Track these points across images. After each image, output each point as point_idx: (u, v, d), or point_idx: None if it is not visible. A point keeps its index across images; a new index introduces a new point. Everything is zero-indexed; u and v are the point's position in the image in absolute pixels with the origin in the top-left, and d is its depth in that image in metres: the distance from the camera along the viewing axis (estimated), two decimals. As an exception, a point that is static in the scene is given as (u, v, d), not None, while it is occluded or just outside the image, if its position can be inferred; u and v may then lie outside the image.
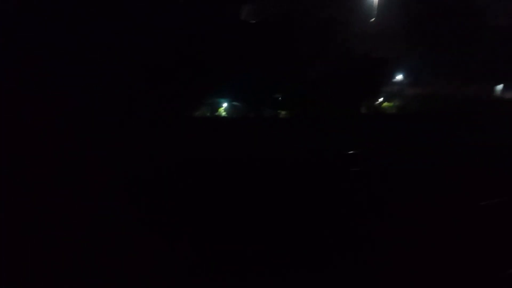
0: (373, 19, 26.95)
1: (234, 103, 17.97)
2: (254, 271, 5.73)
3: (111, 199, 6.90)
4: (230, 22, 18.03)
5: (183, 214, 7.29)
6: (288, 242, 6.65)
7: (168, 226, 6.61)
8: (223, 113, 17.84)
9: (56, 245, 5.77)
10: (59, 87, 9.93)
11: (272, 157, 10.34)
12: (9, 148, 7.13)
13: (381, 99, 22.44)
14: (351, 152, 12.00)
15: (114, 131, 9.72)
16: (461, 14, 25.58)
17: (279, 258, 6.00)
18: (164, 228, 6.53)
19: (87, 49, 11.33)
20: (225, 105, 17.93)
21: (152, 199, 7.35)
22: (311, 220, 7.44)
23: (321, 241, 6.77)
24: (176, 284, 5.59)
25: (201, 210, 7.23)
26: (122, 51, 12.09)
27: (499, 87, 28.16)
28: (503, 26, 27.23)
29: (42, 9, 10.81)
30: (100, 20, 11.81)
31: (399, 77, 24.93)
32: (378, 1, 25.84)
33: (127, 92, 11.69)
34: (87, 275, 5.48)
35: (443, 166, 10.71)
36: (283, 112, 18.72)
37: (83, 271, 5.52)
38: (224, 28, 16.68)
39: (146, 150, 9.26)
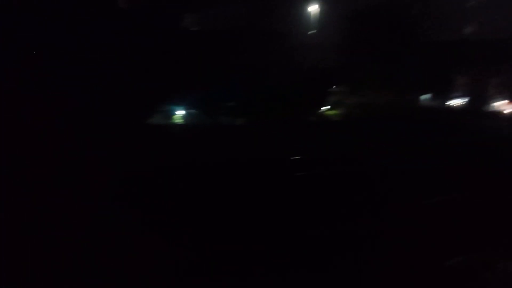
0: (313, 31, 27.95)
1: (190, 110, 18.33)
2: (254, 271, 5.74)
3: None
4: (181, 30, 18.44)
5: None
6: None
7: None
8: (178, 120, 18.15)
9: (56, 245, 5.78)
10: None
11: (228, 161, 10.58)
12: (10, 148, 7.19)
13: (325, 107, 23.85)
14: (297, 157, 12.45)
15: (63, 137, 9.70)
16: (395, 29, 26.97)
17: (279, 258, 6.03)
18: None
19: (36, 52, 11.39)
20: (180, 112, 18.25)
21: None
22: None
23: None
24: (176, 284, 5.59)
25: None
26: (73, 57, 12.15)
27: (427, 96, 31.36)
28: (433, 41, 29.18)
29: None
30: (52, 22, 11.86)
31: (340, 86, 26.35)
32: (318, 14, 26.73)
33: (80, 99, 11.69)
34: (87, 275, 5.48)
35: (386, 169, 11.76)
36: (238, 120, 19.15)
37: (83, 271, 5.51)
38: (175, 37, 17.00)
39: (102, 157, 9.31)
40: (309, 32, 27.48)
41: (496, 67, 35.96)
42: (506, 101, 39.61)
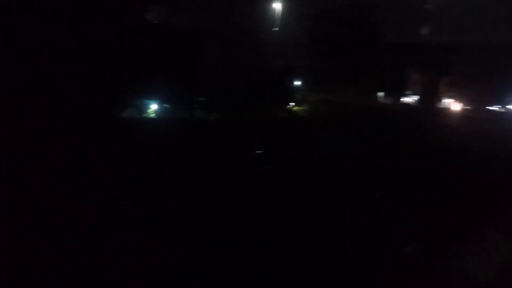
0: (276, 28, 28.73)
1: (164, 105, 18.50)
2: (254, 271, 5.86)
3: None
4: (151, 26, 18.49)
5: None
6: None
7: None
8: (152, 115, 18.29)
9: (56, 245, 5.75)
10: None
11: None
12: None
13: (292, 104, 24.95)
14: (259, 151, 12.86)
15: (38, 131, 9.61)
16: (354, 31, 28.17)
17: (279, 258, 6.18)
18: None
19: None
20: (154, 106, 18.39)
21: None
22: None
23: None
24: (176, 284, 5.65)
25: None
26: (47, 50, 12.00)
27: (381, 94, 31.55)
28: (389, 43, 30.87)
29: None
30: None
31: (304, 84, 27.40)
32: (281, 12, 27.41)
33: (54, 92, 11.58)
34: (87, 275, 5.49)
35: (344, 163, 12.79)
36: (212, 115, 19.43)
37: (83, 271, 5.52)
38: (147, 32, 17.06)
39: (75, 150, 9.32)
40: (274, 29, 27.67)
41: (446, 69, 37.58)
42: (452, 100, 41.58)
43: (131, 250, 5.95)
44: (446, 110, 40.12)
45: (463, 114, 38.30)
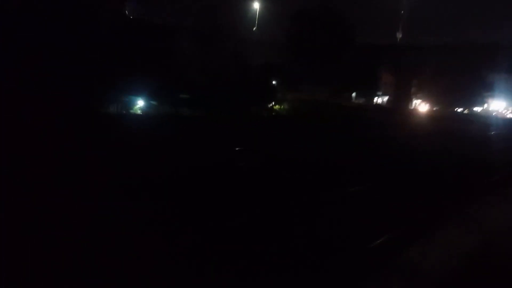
0: (254, 28, 29.34)
1: (152, 101, 18.65)
2: (254, 271, 5.92)
3: None
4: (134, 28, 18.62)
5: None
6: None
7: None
8: (138, 111, 18.43)
9: (56, 245, 5.72)
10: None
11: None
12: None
13: (272, 102, 25.49)
14: (238, 148, 13.18)
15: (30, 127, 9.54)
16: (330, 32, 29.05)
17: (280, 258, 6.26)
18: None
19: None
20: (141, 103, 18.52)
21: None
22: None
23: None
24: (176, 284, 5.68)
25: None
26: (34, 49, 11.97)
27: (353, 94, 36.30)
28: (363, 44, 31.93)
29: None
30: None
31: (283, 83, 28.04)
32: (261, 11, 28.04)
33: (43, 88, 11.55)
34: (87, 275, 5.48)
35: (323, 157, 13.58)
36: (195, 112, 19.63)
37: (83, 271, 5.51)
38: (131, 30, 17.22)
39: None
40: (253, 28, 27.85)
41: (417, 71, 38.50)
42: (419, 101, 43.00)
43: (131, 250, 5.95)
44: (415, 111, 41.44)
45: (430, 115, 39.58)
